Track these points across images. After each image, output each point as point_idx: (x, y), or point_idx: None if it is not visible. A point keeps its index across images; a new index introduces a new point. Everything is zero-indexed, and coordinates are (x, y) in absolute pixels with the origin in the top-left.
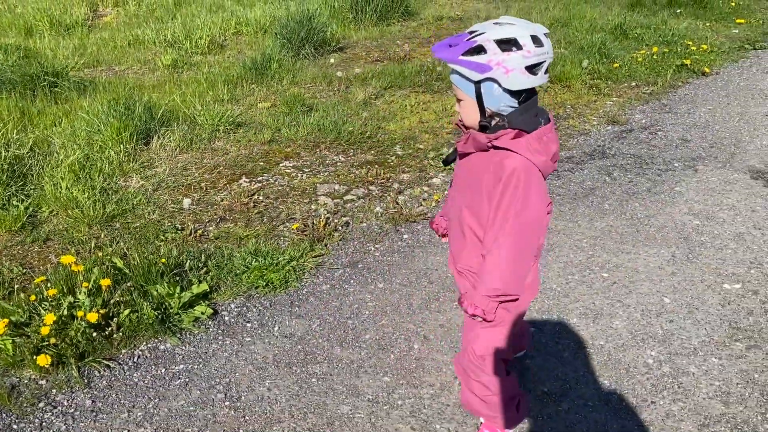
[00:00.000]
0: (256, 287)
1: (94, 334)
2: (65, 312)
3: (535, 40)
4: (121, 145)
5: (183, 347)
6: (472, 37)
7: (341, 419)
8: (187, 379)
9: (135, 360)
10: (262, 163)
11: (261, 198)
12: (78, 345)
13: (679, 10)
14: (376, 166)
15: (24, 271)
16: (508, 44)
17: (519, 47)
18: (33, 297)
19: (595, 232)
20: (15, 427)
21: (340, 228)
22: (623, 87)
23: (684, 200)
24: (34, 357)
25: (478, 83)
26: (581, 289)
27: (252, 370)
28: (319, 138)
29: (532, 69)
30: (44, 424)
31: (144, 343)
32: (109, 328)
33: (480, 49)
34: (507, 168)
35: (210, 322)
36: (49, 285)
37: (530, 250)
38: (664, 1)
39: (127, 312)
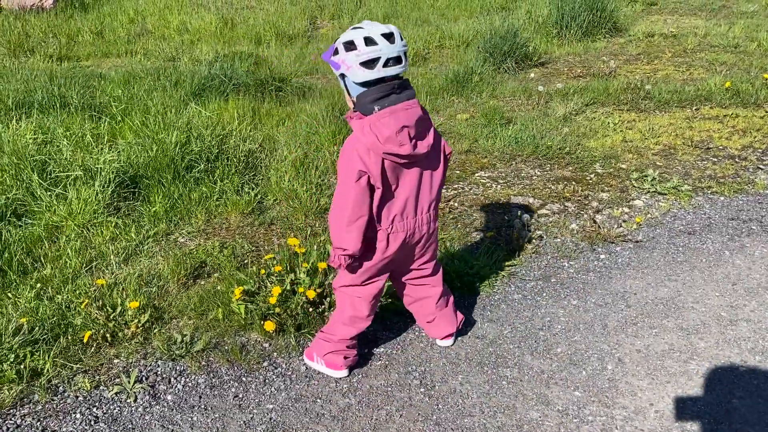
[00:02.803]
0: (452, 287)
1: (310, 309)
2: (288, 287)
3: (368, 41)
4: (335, 147)
5: (384, 333)
6: (336, 42)
7: (530, 424)
8: (387, 362)
9: None
10: (458, 172)
11: (456, 204)
12: (296, 317)
13: None
14: (574, 182)
15: (252, 248)
16: (348, 45)
17: (354, 48)
18: (263, 271)
19: None
20: (244, 379)
21: (533, 241)
22: None
23: None
24: (262, 322)
25: (341, 78)
26: None
27: (445, 363)
28: (515, 151)
29: (367, 65)
30: (267, 380)
31: None
32: (322, 306)
33: (336, 51)
34: (346, 142)
35: (407, 313)
36: (275, 262)
37: (344, 212)
38: None
39: None
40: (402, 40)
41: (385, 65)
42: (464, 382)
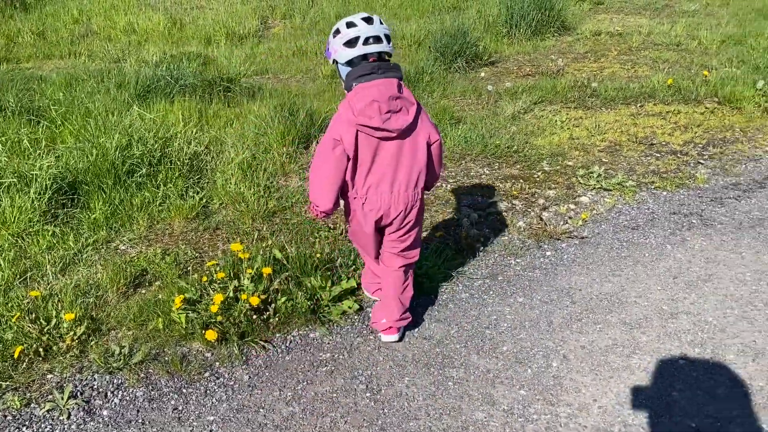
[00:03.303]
0: None
1: (254, 316)
2: (231, 294)
3: (349, 24)
4: (284, 148)
5: (330, 337)
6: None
7: (476, 425)
8: (333, 368)
9: (288, 344)
10: None
11: None
12: (240, 325)
13: None
14: (522, 180)
15: (196, 255)
16: (335, 33)
17: (338, 32)
18: (205, 278)
19: (761, 265)
20: (184, 390)
21: (481, 239)
22: None
23: None
24: (203, 331)
25: (335, 64)
26: (741, 324)
27: (392, 366)
28: (465, 150)
29: (349, 44)
30: (208, 391)
31: (296, 329)
32: (267, 313)
33: (329, 42)
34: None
35: (355, 317)
36: (218, 269)
37: (320, 174)
38: None
39: (283, 299)
40: (382, 24)
41: (365, 43)
42: (410, 385)
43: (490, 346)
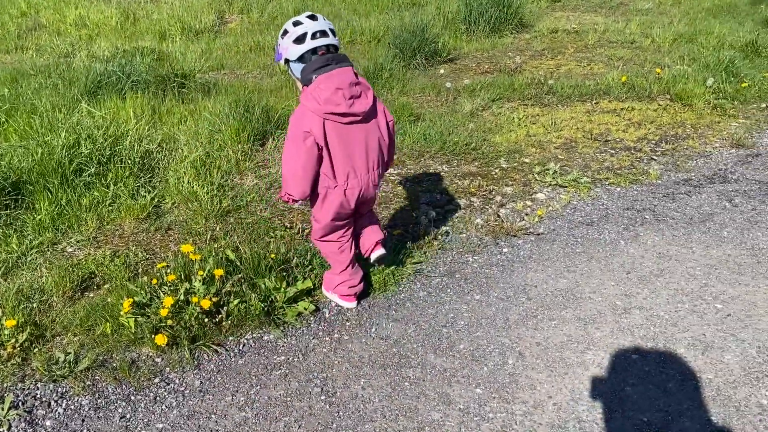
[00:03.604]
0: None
1: (206, 319)
2: (182, 297)
3: (296, 23)
4: (239, 145)
5: (285, 340)
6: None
7: (432, 425)
8: (287, 371)
9: (241, 348)
10: None
11: None
12: (191, 328)
13: None
14: (479, 177)
15: (147, 256)
16: (283, 34)
17: (286, 32)
18: (155, 281)
19: (710, 260)
20: (133, 398)
21: (439, 237)
22: (752, 108)
23: None
24: (153, 336)
25: (287, 65)
26: (691, 318)
27: (348, 367)
28: (424, 147)
29: (298, 41)
30: (158, 398)
31: (250, 332)
32: (219, 316)
33: (278, 44)
34: (294, 111)
35: (311, 318)
36: (168, 271)
37: (292, 164)
38: None
39: (236, 302)
40: (326, 20)
41: (313, 38)
42: (366, 386)
43: (447, 344)
